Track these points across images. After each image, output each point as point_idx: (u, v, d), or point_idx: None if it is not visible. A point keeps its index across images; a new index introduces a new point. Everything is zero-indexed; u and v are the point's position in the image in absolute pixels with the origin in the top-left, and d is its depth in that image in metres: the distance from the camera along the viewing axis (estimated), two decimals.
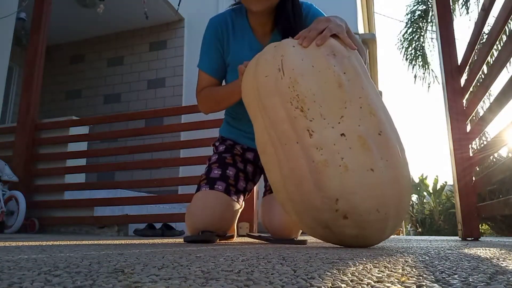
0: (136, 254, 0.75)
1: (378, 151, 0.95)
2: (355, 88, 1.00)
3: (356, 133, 0.95)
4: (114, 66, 6.11)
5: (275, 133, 1.03)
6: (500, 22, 1.65)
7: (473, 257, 0.77)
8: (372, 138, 0.96)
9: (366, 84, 1.03)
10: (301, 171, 0.97)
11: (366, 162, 0.94)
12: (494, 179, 1.85)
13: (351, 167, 0.93)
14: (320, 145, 0.96)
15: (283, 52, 1.06)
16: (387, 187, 0.94)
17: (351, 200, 0.93)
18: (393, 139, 0.99)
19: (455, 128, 2.11)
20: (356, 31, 5.63)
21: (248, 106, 1.17)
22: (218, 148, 1.62)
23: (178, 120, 4.53)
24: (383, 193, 0.94)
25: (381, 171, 0.94)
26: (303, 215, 1.02)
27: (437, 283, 0.43)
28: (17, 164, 3.30)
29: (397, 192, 0.97)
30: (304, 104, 0.99)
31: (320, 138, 0.96)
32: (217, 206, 1.39)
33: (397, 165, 0.97)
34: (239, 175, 1.52)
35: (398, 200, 0.97)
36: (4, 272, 0.48)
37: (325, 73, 1.00)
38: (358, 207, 0.93)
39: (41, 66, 3.58)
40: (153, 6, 5.21)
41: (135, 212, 3.30)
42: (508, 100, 1.57)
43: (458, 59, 2.20)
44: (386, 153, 0.96)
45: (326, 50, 1.04)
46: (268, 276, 0.46)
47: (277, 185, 1.06)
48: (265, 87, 1.06)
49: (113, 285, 0.39)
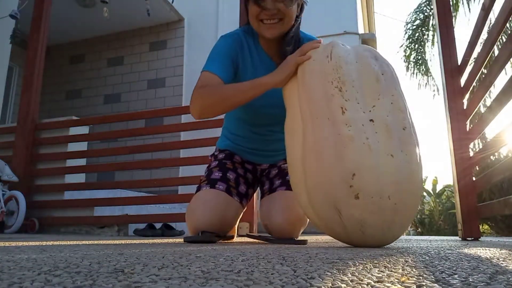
0: (136, 254, 0.75)
1: (400, 143, 1.02)
2: (390, 87, 1.11)
3: (384, 122, 1.04)
4: (114, 66, 6.11)
5: (308, 108, 1.11)
6: (500, 22, 1.65)
7: (473, 257, 0.77)
8: (396, 131, 1.03)
9: (398, 89, 1.14)
10: (325, 142, 1.03)
11: (388, 147, 1.00)
12: (494, 179, 1.85)
13: (374, 147, 1.00)
14: (350, 122, 1.03)
15: (333, 45, 1.18)
16: (402, 178, 0.99)
17: (366, 177, 0.97)
18: (414, 139, 1.07)
19: (455, 128, 2.11)
20: (356, 31, 5.63)
21: (285, 86, 1.28)
22: (218, 156, 1.62)
23: (178, 120, 4.53)
24: (397, 180, 0.98)
25: (399, 160, 1.00)
26: (315, 192, 1.03)
27: (437, 283, 0.43)
28: (17, 164, 3.30)
29: (410, 188, 1.01)
30: (343, 85, 1.08)
31: (351, 117, 1.04)
32: (218, 204, 1.39)
33: (414, 163, 1.03)
34: (240, 179, 1.52)
35: (409, 197, 1.01)
36: (4, 272, 0.48)
37: (366, 68, 1.12)
38: (371, 187, 0.96)
39: (41, 66, 3.58)
40: (153, 6, 5.22)
41: (135, 212, 3.30)
42: (508, 100, 1.57)
43: (458, 59, 2.20)
44: (406, 148, 1.03)
45: (370, 54, 1.17)
46: (268, 276, 0.46)
47: (296, 163, 1.11)
48: (310, 67, 1.17)
49: (113, 285, 0.39)
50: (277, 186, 1.51)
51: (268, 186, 1.56)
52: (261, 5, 1.31)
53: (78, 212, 3.25)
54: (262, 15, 1.33)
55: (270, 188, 1.54)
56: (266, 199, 1.53)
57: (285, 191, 1.47)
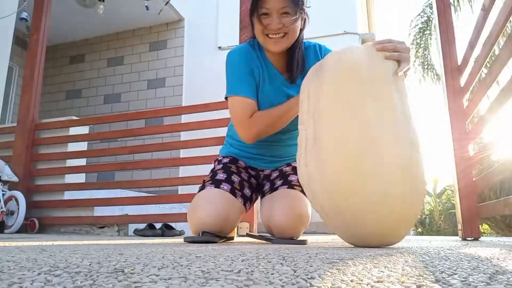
0: (136, 254, 0.75)
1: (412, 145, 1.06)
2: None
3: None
4: (114, 66, 6.12)
5: None
6: (500, 22, 1.65)
7: (473, 257, 0.77)
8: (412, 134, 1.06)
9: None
10: None
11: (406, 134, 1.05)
12: (494, 179, 1.85)
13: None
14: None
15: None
16: (414, 165, 1.03)
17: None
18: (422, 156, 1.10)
19: (455, 128, 2.11)
20: (356, 31, 5.63)
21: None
22: (222, 161, 1.62)
23: (178, 120, 4.53)
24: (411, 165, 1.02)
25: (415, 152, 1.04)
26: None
27: (437, 283, 0.43)
28: (17, 164, 3.30)
29: (419, 187, 1.05)
30: None
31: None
32: (222, 204, 1.38)
33: (423, 167, 1.07)
34: (244, 183, 1.53)
35: (415, 192, 1.04)
36: (4, 272, 0.48)
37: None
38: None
39: (41, 66, 3.58)
40: (153, 6, 5.21)
41: (135, 212, 3.30)
42: (508, 100, 1.57)
43: (458, 59, 2.20)
44: (417, 150, 1.06)
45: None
46: (268, 276, 0.46)
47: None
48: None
49: (113, 285, 0.39)
50: (279, 185, 1.51)
51: (269, 186, 1.56)
52: (267, 21, 1.36)
53: (78, 212, 3.25)
54: (267, 30, 1.37)
55: (271, 187, 1.53)
56: (267, 198, 1.52)
57: (287, 189, 1.47)
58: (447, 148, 2.19)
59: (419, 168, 1.04)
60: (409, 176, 1.02)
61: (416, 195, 1.05)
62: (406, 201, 1.02)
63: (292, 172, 1.55)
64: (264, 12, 1.36)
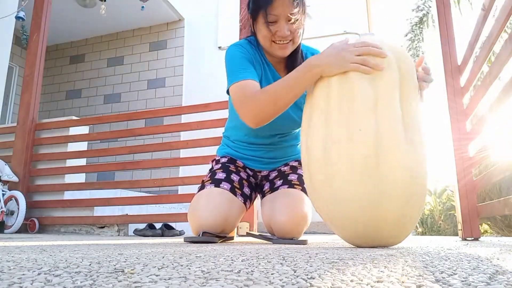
0: (136, 254, 0.75)
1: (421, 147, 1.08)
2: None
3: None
4: (114, 66, 6.11)
5: None
6: (500, 22, 1.65)
7: (473, 257, 0.77)
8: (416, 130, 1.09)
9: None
10: None
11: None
12: (494, 179, 1.85)
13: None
14: None
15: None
16: (418, 166, 1.04)
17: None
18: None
19: (455, 128, 2.11)
20: (356, 31, 5.63)
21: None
22: (220, 160, 1.62)
23: (178, 120, 4.53)
24: (414, 166, 1.03)
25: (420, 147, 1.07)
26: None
27: (437, 283, 0.43)
28: (17, 164, 3.30)
29: (422, 187, 1.06)
30: None
31: None
32: (223, 202, 1.39)
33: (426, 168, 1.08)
34: (243, 182, 1.53)
35: (419, 194, 1.05)
36: (4, 272, 0.48)
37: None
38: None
39: (41, 66, 3.58)
40: (153, 6, 5.22)
41: (135, 212, 3.30)
42: (508, 100, 1.57)
43: (458, 59, 2.20)
44: (423, 151, 1.07)
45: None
46: (268, 276, 0.46)
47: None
48: None
49: (113, 285, 0.39)
50: (279, 185, 1.51)
51: (269, 186, 1.56)
52: (275, 27, 1.34)
53: (78, 212, 3.25)
54: (276, 37, 1.36)
55: (271, 187, 1.53)
56: (268, 198, 1.52)
57: (288, 189, 1.47)
58: (447, 148, 2.19)
59: (423, 170, 1.04)
60: (413, 178, 1.02)
61: (419, 196, 1.05)
62: (410, 203, 1.02)
63: (291, 172, 1.55)
64: (272, 20, 1.34)
